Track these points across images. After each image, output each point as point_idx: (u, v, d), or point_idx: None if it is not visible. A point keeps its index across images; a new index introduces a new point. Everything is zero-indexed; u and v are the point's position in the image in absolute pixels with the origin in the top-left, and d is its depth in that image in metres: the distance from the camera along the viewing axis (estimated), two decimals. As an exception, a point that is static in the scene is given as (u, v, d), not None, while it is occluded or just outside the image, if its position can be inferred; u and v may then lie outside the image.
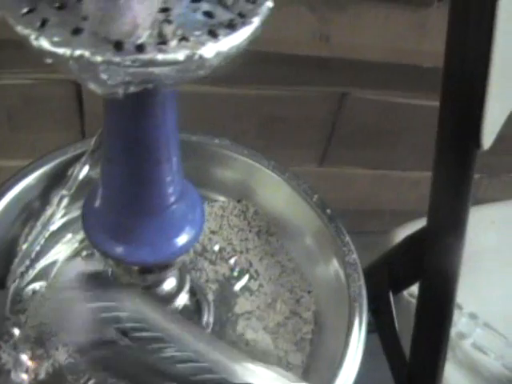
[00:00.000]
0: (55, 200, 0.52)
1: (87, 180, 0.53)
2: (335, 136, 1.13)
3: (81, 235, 0.55)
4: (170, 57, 0.26)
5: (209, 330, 0.50)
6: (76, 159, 0.54)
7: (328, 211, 0.52)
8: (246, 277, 0.54)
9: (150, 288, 0.46)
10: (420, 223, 0.74)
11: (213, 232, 0.55)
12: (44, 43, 0.26)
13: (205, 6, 0.28)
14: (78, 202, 0.54)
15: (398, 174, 1.21)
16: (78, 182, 0.52)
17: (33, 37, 0.26)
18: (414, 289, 0.68)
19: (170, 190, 0.38)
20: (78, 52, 0.26)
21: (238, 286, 0.53)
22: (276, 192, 0.55)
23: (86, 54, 0.26)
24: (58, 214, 0.52)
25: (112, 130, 0.36)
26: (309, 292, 0.53)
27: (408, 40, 0.97)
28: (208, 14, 0.28)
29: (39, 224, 0.52)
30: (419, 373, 0.66)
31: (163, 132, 0.35)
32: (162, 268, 0.44)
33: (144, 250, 0.39)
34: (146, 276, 0.44)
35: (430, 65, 0.98)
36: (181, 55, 0.26)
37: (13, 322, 0.49)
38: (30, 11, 0.27)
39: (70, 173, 0.53)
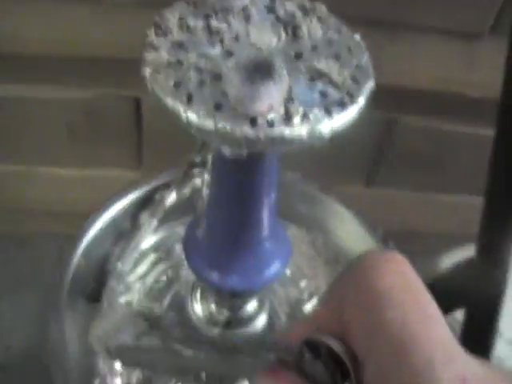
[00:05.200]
0: (145, 224, 0.58)
1: (173, 206, 0.58)
2: (382, 159, 1.17)
3: (165, 256, 0.61)
4: (295, 133, 0.32)
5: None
6: (163, 187, 0.59)
7: (390, 245, 0.57)
8: (315, 300, 0.59)
9: (235, 309, 0.51)
10: (465, 250, 0.78)
11: (284, 258, 0.60)
12: (192, 117, 0.32)
13: (319, 86, 0.34)
14: (164, 225, 0.60)
15: (440, 198, 1.24)
16: (165, 208, 0.58)
17: (182, 111, 0.32)
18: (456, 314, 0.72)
19: (265, 228, 0.43)
20: (220, 126, 0.31)
21: (307, 308, 0.59)
22: (344, 225, 0.60)
23: (228, 128, 0.31)
24: (147, 236, 0.58)
25: (221, 178, 0.41)
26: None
27: (457, 70, 1.01)
28: (322, 93, 0.33)
29: (132, 245, 0.57)
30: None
31: (268, 181, 0.40)
32: (249, 294, 0.49)
33: (237, 279, 0.44)
34: (235, 299, 0.50)
35: (478, 95, 1.01)
36: (304, 131, 0.32)
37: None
38: (176, 85, 0.33)
39: (157, 199, 0.59)
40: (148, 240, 0.59)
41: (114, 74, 0.98)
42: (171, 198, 0.58)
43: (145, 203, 0.59)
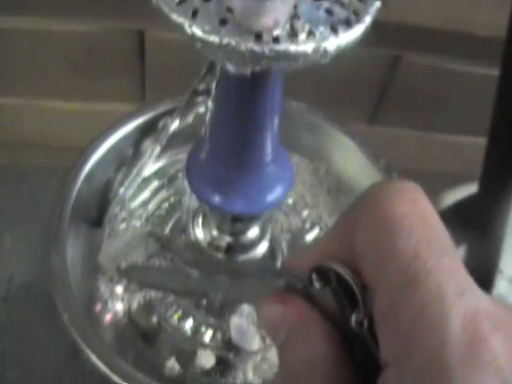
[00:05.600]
0: (148, 150, 0.58)
1: (176, 133, 0.58)
2: (386, 97, 1.17)
3: (168, 183, 0.61)
4: (300, 49, 0.31)
5: (282, 275, 0.56)
6: (166, 114, 0.59)
7: (394, 175, 0.57)
8: (317, 229, 0.59)
9: (237, 234, 0.52)
10: (465, 189, 0.78)
11: (287, 187, 0.61)
12: (197, 31, 0.31)
13: (325, 4, 0.33)
14: (167, 151, 0.60)
15: (443, 138, 1.24)
16: (168, 135, 0.58)
17: (187, 25, 0.32)
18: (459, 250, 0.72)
19: (268, 152, 0.43)
20: (225, 40, 0.31)
21: (309, 237, 0.59)
22: (346, 154, 0.60)
23: (233, 42, 0.31)
24: (150, 162, 0.58)
25: (226, 99, 0.41)
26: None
27: (464, 8, 1.00)
28: (328, 12, 0.33)
29: (134, 171, 0.57)
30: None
31: (271, 103, 0.40)
32: (251, 218, 0.49)
33: (239, 202, 0.44)
34: (236, 224, 0.50)
35: (484, 34, 1.00)
36: (309, 47, 0.32)
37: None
38: (182, 1, 0.33)
39: (160, 126, 0.59)
40: (151, 167, 0.59)
41: (117, 7, 0.97)
42: (174, 125, 0.57)
43: (148, 130, 0.59)
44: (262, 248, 0.53)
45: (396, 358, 0.24)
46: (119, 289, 0.54)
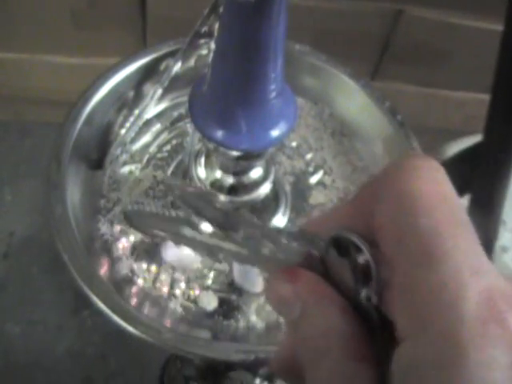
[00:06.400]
0: (150, 92, 0.57)
1: (178, 75, 0.58)
2: (388, 52, 1.16)
3: (169, 126, 0.60)
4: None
5: (285, 217, 0.56)
6: (168, 56, 0.58)
7: (398, 117, 0.56)
8: (321, 172, 0.58)
9: (239, 174, 0.51)
10: (467, 141, 0.77)
11: (290, 129, 0.60)
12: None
13: None
14: (168, 94, 0.59)
15: (445, 94, 1.23)
16: (170, 77, 0.57)
17: None
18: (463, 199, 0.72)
19: (273, 86, 0.42)
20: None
21: (313, 180, 0.58)
22: (351, 97, 0.59)
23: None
24: (152, 105, 0.57)
25: (230, 29, 0.40)
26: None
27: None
28: None
29: (135, 113, 0.56)
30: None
31: (275, 33, 0.39)
32: (254, 156, 0.49)
33: (243, 138, 0.44)
34: (240, 161, 0.49)
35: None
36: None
37: (113, 199, 0.55)
38: None
39: (162, 68, 0.58)
40: (152, 109, 0.59)
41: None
42: (177, 67, 0.57)
43: (150, 72, 0.58)
44: (265, 189, 0.53)
45: (412, 333, 0.24)
46: (117, 228, 0.53)
